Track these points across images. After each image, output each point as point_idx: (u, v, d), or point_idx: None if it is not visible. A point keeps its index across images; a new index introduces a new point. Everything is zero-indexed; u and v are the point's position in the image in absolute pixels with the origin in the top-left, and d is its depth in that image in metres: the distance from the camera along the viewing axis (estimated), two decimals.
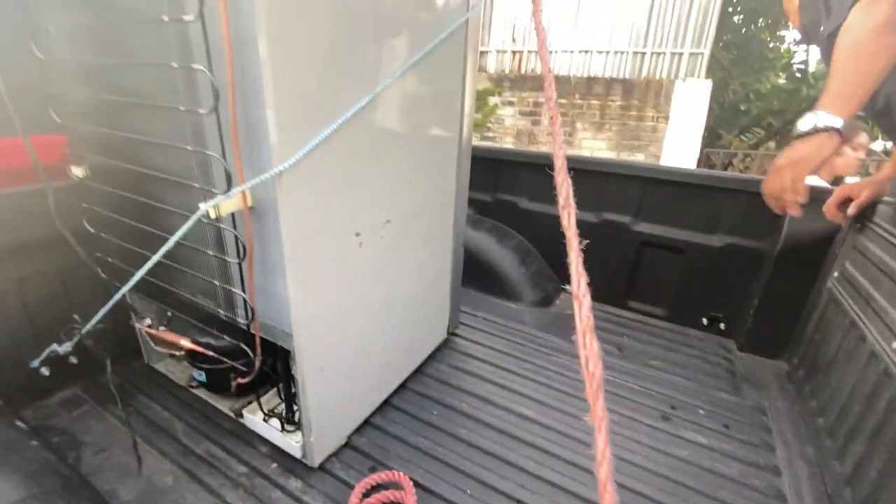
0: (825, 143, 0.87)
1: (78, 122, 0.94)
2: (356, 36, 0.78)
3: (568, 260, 0.42)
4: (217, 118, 0.67)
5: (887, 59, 0.85)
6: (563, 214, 0.46)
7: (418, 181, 1.10)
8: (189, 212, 0.76)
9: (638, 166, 1.76)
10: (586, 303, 0.38)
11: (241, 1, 0.61)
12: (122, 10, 0.73)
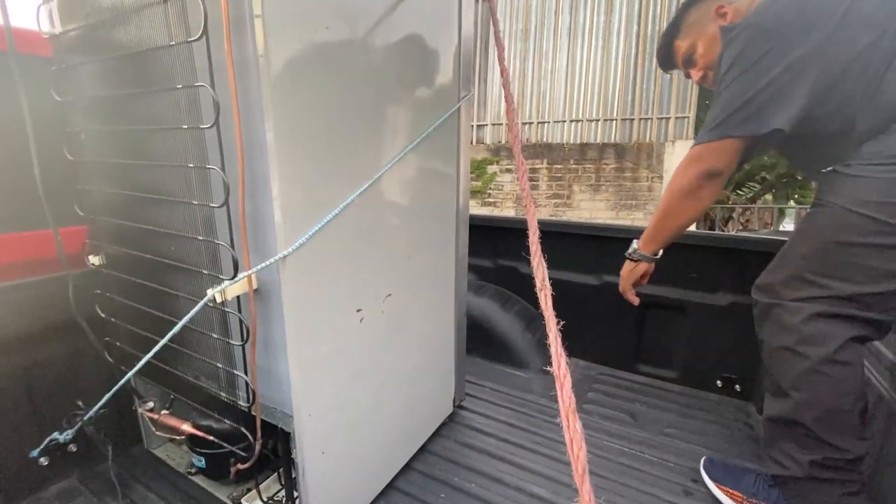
0: (639, 267, 1.24)
1: (98, 214, 1.01)
2: (356, 129, 0.86)
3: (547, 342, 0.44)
4: (227, 210, 0.72)
5: (687, 219, 1.09)
6: (540, 297, 0.48)
7: (418, 254, 1.14)
8: (196, 296, 0.79)
9: (634, 229, 1.81)
10: (567, 383, 0.40)
11: (252, 110, 0.68)
12: (145, 119, 0.82)
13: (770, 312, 1.05)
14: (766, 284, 1.08)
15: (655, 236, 1.18)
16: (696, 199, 1.04)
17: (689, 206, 1.06)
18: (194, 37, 0.65)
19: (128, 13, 0.76)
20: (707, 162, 0.99)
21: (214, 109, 0.66)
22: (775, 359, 1.03)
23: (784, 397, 1.01)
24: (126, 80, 0.84)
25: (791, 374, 0.99)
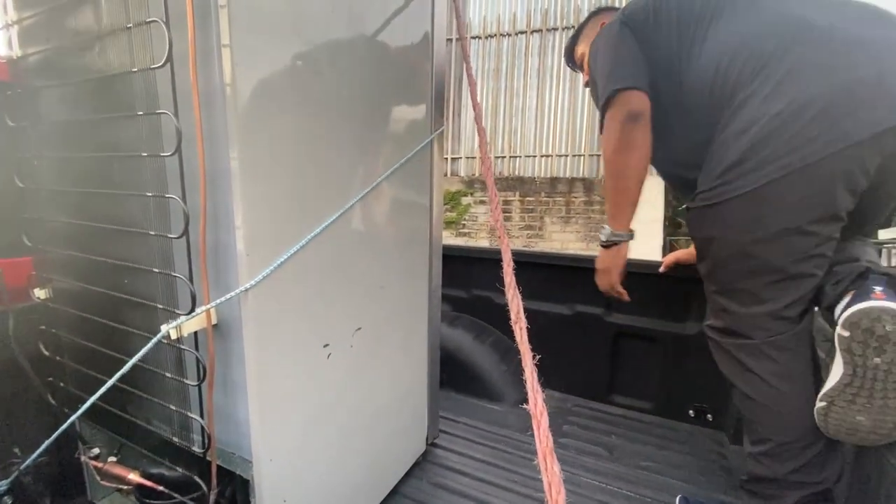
0: (619, 250, 1.16)
1: (47, 244, 0.95)
2: (326, 159, 0.85)
3: (523, 377, 0.42)
4: (187, 241, 0.69)
5: (637, 172, 1.09)
6: (515, 330, 0.47)
7: (390, 285, 1.12)
8: (151, 333, 0.74)
9: None
10: (544, 422, 0.38)
11: (217, 139, 0.67)
12: (104, 147, 0.79)
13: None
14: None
15: (621, 206, 1.14)
16: (633, 146, 1.07)
17: (632, 157, 1.07)
18: (158, 63, 0.63)
19: (91, 39, 0.74)
20: (621, 109, 1.06)
21: (177, 137, 0.64)
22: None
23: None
24: (85, 106, 0.81)
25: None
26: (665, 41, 1.08)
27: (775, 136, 0.87)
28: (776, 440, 0.99)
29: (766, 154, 0.88)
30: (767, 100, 0.89)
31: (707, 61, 1.00)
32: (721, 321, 1.05)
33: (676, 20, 1.07)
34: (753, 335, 0.98)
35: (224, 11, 0.64)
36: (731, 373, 1.07)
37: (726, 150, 0.95)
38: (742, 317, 1.00)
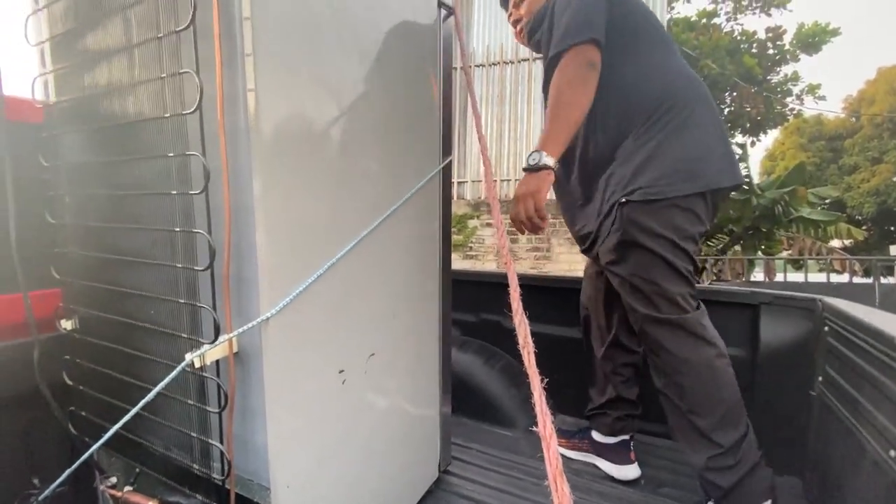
0: (547, 176, 1.15)
1: (76, 277, 1.00)
2: (341, 193, 0.89)
3: (532, 400, 0.44)
4: (211, 273, 0.72)
5: (582, 108, 1.15)
6: (523, 354, 0.49)
7: (402, 311, 1.14)
8: (172, 361, 0.77)
9: None
10: (553, 444, 0.40)
11: (241, 176, 0.71)
12: (132, 185, 0.84)
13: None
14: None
15: (561, 134, 1.16)
16: (588, 86, 1.15)
17: (585, 94, 1.15)
18: (189, 109, 0.68)
19: (125, 87, 0.80)
20: (587, 54, 1.15)
21: (204, 177, 0.68)
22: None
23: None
24: (116, 147, 0.86)
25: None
26: (631, 27, 1.24)
27: (706, 159, 1.17)
28: (728, 405, 1.20)
29: (702, 168, 1.16)
30: (701, 128, 1.19)
31: (658, 71, 1.23)
32: (671, 303, 1.20)
33: (643, 17, 1.27)
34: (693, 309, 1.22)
35: (250, 59, 0.69)
36: (689, 351, 1.20)
37: (664, 159, 1.17)
38: (683, 295, 1.21)
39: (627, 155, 1.22)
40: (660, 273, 1.20)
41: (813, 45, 10.42)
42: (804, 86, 10.79)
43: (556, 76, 1.16)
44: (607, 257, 1.28)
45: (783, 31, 10.24)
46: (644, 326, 1.24)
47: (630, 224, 1.19)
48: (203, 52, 0.69)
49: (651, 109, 1.21)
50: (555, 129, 1.16)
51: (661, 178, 1.17)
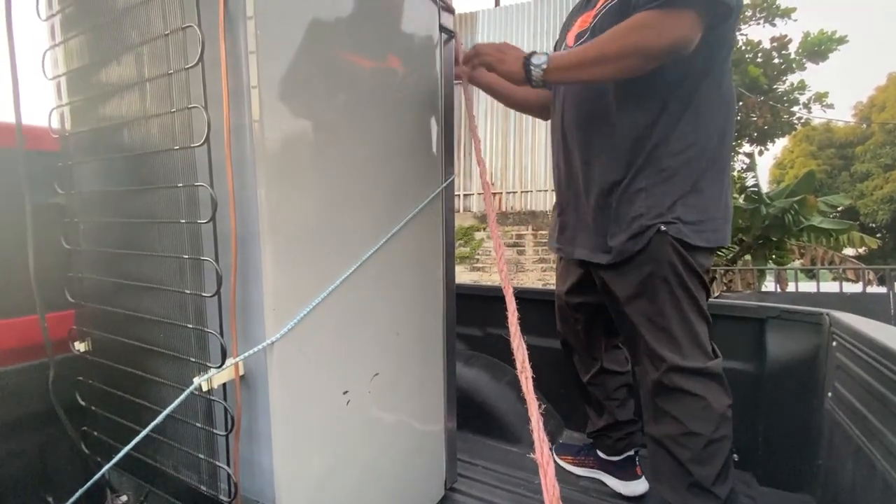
0: (522, 66, 1.07)
1: (88, 300, 1.03)
2: (344, 216, 0.92)
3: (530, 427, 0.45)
4: (219, 299, 0.75)
5: (613, 76, 1.03)
6: (521, 379, 0.50)
7: (406, 329, 1.15)
8: (180, 383, 0.79)
9: None
10: (551, 471, 0.41)
11: (247, 205, 0.73)
12: (143, 213, 0.87)
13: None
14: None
15: (578, 68, 1.01)
16: (641, 63, 0.95)
17: (629, 68, 0.96)
18: (198, 142, 0.71)
19: (137, 120, 0.83)
20: (690, 29, 0.91)
21: (212, 206, 0.71)
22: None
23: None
24: (128, 176, 0.89)
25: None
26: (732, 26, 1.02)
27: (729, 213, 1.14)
28: (727, 456, 1.15)
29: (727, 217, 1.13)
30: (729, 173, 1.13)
31: (729, 93, 1.11)
32: (699, 349, 1.12)
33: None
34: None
35: (255, 91, 0.72)
36: (713, 398, 1.13)
37: (709, 196, 1.08)
38: (707, 337, 1.15)
39: (668, 173, 1.06)
40: (693, 313, 1.10)
41: (819, 53, 10.39)
42: (811, 94, 10.75)
43: (652, 21, 0.91)
44: (627, 290, 1.14)
45: (788, 41, 10.24)
46: (669, 377, 1.10)
47: (665, 259, 1.06)
48: (211, 86, 0.72)
49: (717, 132, 1.08)
50: (584, 62, 1.00)
51: (707, 219, 1.07)
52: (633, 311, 1.15)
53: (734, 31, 1.09)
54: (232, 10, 0.71)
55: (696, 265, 1.08)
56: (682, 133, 1.06)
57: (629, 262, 1.11)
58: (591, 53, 0.99)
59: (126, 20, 0.82)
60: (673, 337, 1.10)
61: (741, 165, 10.95)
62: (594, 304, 1.38)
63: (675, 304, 1.09)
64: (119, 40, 0.84)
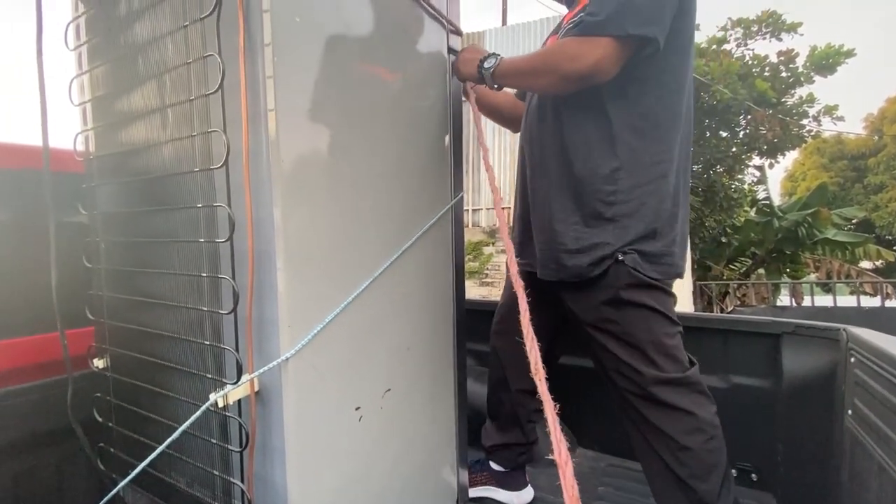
0: (475, 67, 1.14)
1: (108, 318, 1.05)
2: (357, 234, 0.93)
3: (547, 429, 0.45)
4: (234, 316, 0.76)
5: (540, 88, 1.15)
6: (535, 380, 0.50)
7: (417, 345, 1.16)
8: (198, 400, 0.80)
9: None
10: (569, 471, 0.41)
11: (265, 225, 0.76)
12: (163, 232, 0.90)
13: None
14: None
15: (515, 75, 1.10)
16: (568, 86, 1.02)
17: (553, 85, 1.04)
18: (217, 164, 0.74)
19: (158, 143, 0.87)
20: (621, 50, 0.95)
21: (230, 227, 0.73)
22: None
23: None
24: (149, 198, 0.93)
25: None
26: (688, 34, 1.06)
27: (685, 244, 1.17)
28: (725, 467, 1.16)
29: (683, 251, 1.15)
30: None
31: (687, 108, 1.12)
32: (673, 360, 1.12)
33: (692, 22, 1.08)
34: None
35: (272, 114, 0.75)
36: (699, 408, 1.13)
37: (669, 223, 1.11)
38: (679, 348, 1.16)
39: (628, 207, 1.08)
40: (659, 326, 1.10)
41: (827, 66, 10.38)
42: (821, 107, 10.70)
43: (569, 46, 0.98)
44: (592, 315, 1.16)
45: (795, 55, 10.25)
46: (651, 390, 1.10)
47: (623, 283, 1.08)
48: (229, 111, 0.75)
49: (671, 147, 1.09)
50: (523, 65, 1.08)
51: (665, 254, 1.09)
52: (599, 331, 1.15)
53: (683, 59, 1.08)
54: (251, 38, 0.74)
55: (656, 284, 1.10)
56: (633, 166, 1.07)
57: (589, 285, 1.13)
58: (526, 65, 1.08)
59: (150, 50, 0.86)
60: (640, 349, 1.10)
61: (751, 178, 10.88)
62: (543, 321, 1.30)
63: (642, 319, 1.10)
64: (143, 69, 0.88)
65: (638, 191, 1.08)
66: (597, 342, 1.17)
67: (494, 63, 1.10)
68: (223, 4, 0.72)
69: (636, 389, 1.12)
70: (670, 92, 1.08)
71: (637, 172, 1.07)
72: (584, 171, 1.11)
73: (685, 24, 1.04)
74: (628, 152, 1.07)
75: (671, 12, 0.98)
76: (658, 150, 1.08)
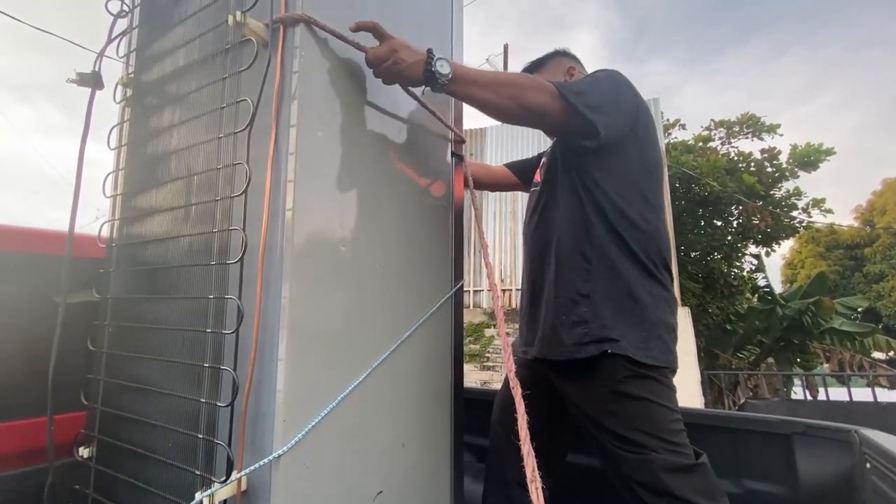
0: (421, 70, 0.97)
1: (102, 404, 1.04)
2: (356, 324, 0.96)
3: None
4: (231, 410, 0.76)
5: (495, 110, 1.10)
6: (531, 489, 0.49)
7: (412, 440, 1.12)
8: (182, 496, 0.77)
9: None
10: None
11: (270, 317, 0.79)
12: (172, 322, 0.93)
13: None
14: None
15: (475, 83, 1.03)
16: (519, 116, 1.10)
17: (508, 109, 1.07)
18: (234, 259, 0.79)
19: (180, 237, 0.93)
20: (560, 107, 1.06)
21: (237, 318, 0.76)
22: None
23: None
24: (162, 286, 0.97)
25: None
26: (655, 159, 1.24)
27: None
28: None
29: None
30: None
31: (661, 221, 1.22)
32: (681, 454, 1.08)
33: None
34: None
35: (290, 213, 0.82)
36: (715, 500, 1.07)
37: (657, 324, 1.13)
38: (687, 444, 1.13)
39: (616, 292, 1.14)
40: (665, 418, 1.09)
41: (810, 163, 11.03)
42: (808, 200, 11.18)
43: (523, 87, 1.06)
44: (593, 410, 1.14)
45: (778, 152, 10.95)
46: (664, 480, 1.03)
47: (615, 373, 1.09)
48: (251, 210, 0.81)
49: (660, 254, 1.19)
50: (481, 78, 1.04)
51: (652, 337, 1.11)
52: (606, 436, 1.12)
53: (644, 148, 1.21)
54: (278, 148, 0.83)
55: (649, 373, 1.09)
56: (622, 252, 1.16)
57: (578, 367, 1.14)
58: (488, 79, 1.06)
59: (183, 155, 0.95)
60: (647, 447, 1.06)
61: (749, 266, 11.03)
62: (541, 410, 1.30)
63: (642, 410, 1.08)
64: (174, 170, 0.97)
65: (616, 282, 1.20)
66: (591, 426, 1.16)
67: (450, 68, 0.98)
68: (255, 119, 0.82)
69: (647, 492, 1.06)
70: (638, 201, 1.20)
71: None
72: None
73: (649, 148, 1.23)
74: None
75: (625, 120, 1.15)
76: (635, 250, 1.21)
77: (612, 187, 1.16)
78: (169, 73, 1.04)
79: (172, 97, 1.02)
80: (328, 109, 0.92)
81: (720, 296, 9.00)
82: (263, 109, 0.82)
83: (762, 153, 10.89)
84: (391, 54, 0.94)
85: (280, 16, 0.85)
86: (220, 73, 0.88)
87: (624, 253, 1.15)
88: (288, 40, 0.86)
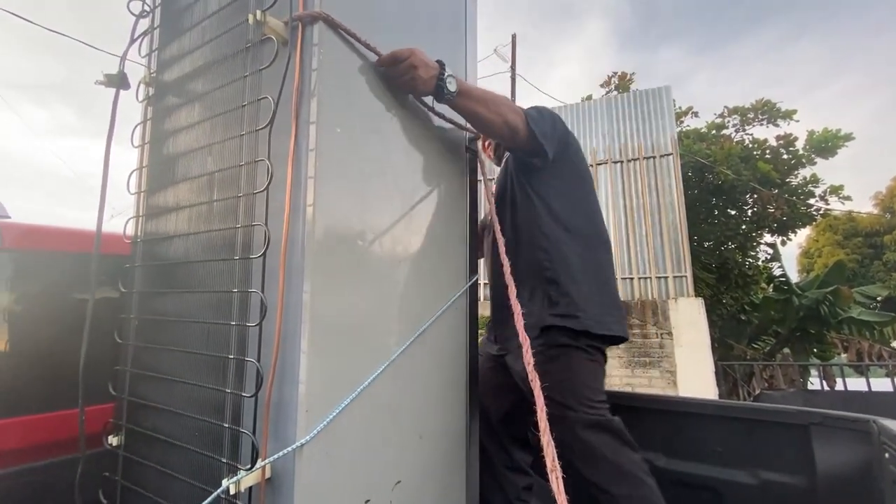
0: (433, 82, 1.10)
1: (130, 395, 1.07)
2: (375, 318, 0.97)
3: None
4: (255, 400, 0.79)
5: (481, 121, 1.27)
6: (551, 478, 0.50)
7: (428, 433, 1.14)
8: (211, 483, 0.80)
9: (669, 399, 1.78)
10: None
11: (293, 309, 0.81)
12: (196, 315, 0.95)
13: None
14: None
15: (474, 98, 1.21)
16: (500, 130, 1.29)
17: (494, 124, 1.26)
18: (258, 253, 0.81)
19: (203, 233, 0.95)
20: (525, 130, 1.31)
21: (261, 311, 0.78)
22: None
23: None
24: (186, 280, 0.99)
25: None
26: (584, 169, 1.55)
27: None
28: None
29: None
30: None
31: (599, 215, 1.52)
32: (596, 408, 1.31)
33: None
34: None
35: (311, 209, 0.83)
36: (622, 456, 1.26)
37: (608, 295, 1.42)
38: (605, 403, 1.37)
39: (566, 275, 1.40)
40: (591, 375, 1.33)
41: (827, 149, 10.75)
42: (826, 187, 10.92)
43: (507, 107, 1.30)
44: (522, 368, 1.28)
45: (794, 139, 10.68)
46: (577, 431, 1.26)
47: (554, 342, 1.33)
48: (272, 205, 0.83)
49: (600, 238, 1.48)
50: (478, 95, 1.22)
51: (596, 314, 1.35)
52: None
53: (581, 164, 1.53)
54: (298, 144, 0.85)
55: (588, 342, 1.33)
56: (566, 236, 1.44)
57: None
58: (481, 95, 1.24)
59: (205, 152, 0.97)
60: (572, 394, 1.29)
61: (765, 256, 10.84)
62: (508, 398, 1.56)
63: (573, 364, 1.32)
64: (198, 167, 0.99)
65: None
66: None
67: (456, 85, 1.14)
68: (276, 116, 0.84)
69: (564, 434, 1.22)
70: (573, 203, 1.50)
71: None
72: None
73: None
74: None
75: (560, 139, 1.44)
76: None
77: (555, 194, 1.45)
78: (190, 72, 1.05)
79: (194, 95, 1.04)
80: (346, 106, 0.93)
81: (734, 286, 8.88)
82: (283, 107, 0.83)
83: (778, 140, 10.64)
84: (410, 70, 1.04)
85: (299, 14, 0.86)
86: (241, 72, 0.90)
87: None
88: (307, 38, 0.87)
